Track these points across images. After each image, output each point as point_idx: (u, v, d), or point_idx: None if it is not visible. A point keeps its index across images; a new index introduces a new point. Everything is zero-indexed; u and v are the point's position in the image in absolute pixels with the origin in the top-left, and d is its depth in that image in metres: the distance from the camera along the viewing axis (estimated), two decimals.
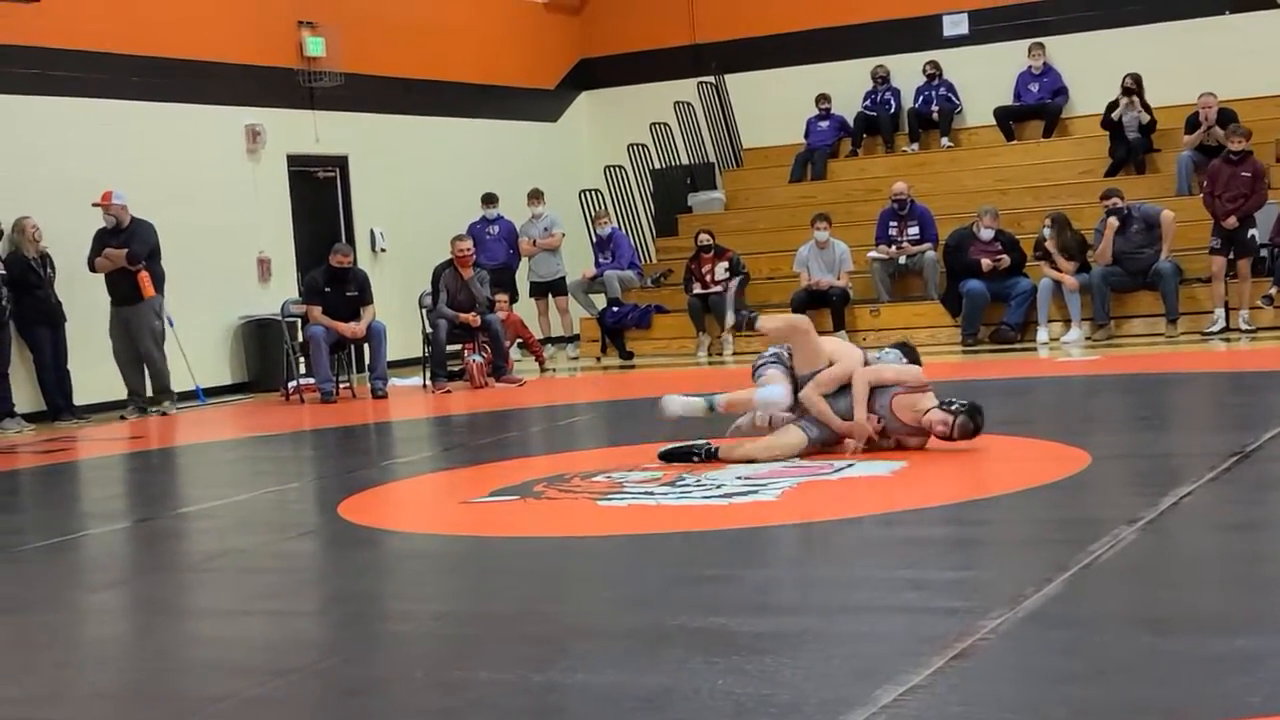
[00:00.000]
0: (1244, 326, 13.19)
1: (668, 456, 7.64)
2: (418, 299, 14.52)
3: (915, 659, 3.80)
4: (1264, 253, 13.77)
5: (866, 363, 7.64)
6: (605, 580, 5.35)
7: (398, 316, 14.82)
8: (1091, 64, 16.87)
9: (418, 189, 16.64)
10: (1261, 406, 8.63)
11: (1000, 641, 3.96)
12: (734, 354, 15.14)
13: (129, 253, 12.73)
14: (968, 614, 4.22)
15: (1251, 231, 13.42)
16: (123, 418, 12.86)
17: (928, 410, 7.44)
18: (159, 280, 13.00)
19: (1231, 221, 13.31)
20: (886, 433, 7.57)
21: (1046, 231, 13.99)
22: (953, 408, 7.39)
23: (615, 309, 15.99)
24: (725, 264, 15.40)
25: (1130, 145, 15.98)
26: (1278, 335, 12.93)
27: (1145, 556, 5.02)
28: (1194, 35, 16.49)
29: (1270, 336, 12.93)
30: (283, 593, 5.49)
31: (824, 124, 18.26)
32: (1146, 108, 15.90)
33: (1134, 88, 15.88)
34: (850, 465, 7.20)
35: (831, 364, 7.61)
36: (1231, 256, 13.36)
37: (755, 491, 6.66)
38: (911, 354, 7.79)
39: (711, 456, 7.53)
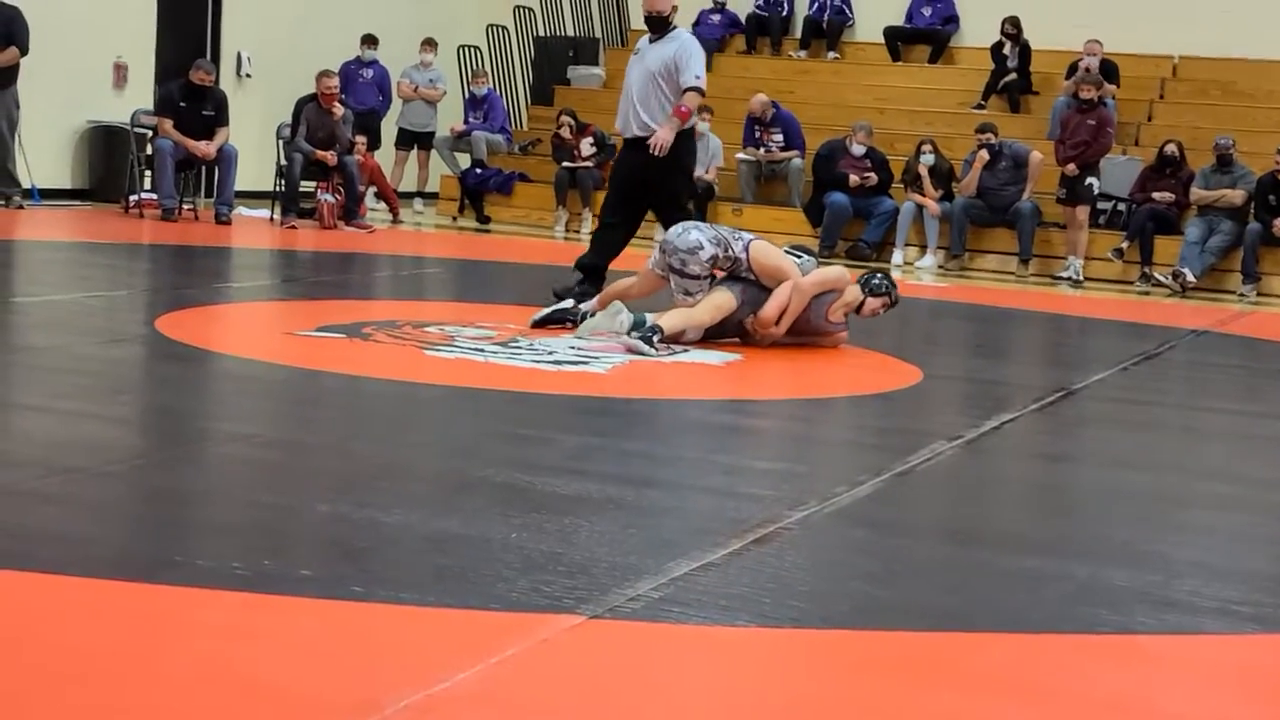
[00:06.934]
0: (1074, 276, 13.29)
1: (541, 323, 7.43)
2: (276, 130, 14.09)
3: (714, 538, 3.75)
4: (1120, 206, 13.92)
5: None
6: (418, 426, 5.22)
7: (255, 146, 14.37)
8: None
9: (294, 18, 16.06)
10: (1092, 350, 8.75)
11: (801, 533, 3.93)
12: (591, 232, 14.97)
13: (19, 46, 12.39)
14: (775, 503, 4.18)
15: (1089, 180, 13.48)
16: None
17: (860, 301, 7.41)
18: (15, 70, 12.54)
19: (1071, 168, 13.40)
20: (800, 333, 7.44)
21: (925, 158, 13.91)
22: (881, 290, 7.43)
23: (479, 171, 15.69)
24: (590, 139, 15.16)
25: (1007, 87, 16.05)
26: (1122, 288, 13.13)
27: (959, 472, 5.03)
28: None
29: (1114, 289, 13.12)
30: (78, 394, 5.25)
31: (716, 17, 18.02)
32: (1025, 56, 15.88)
33: (1013, 31, 15.90)
34: (686, 351, 7.13)
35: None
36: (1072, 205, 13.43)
37: (586, 363, 6.57)
38: (815, 256, 7.75)
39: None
